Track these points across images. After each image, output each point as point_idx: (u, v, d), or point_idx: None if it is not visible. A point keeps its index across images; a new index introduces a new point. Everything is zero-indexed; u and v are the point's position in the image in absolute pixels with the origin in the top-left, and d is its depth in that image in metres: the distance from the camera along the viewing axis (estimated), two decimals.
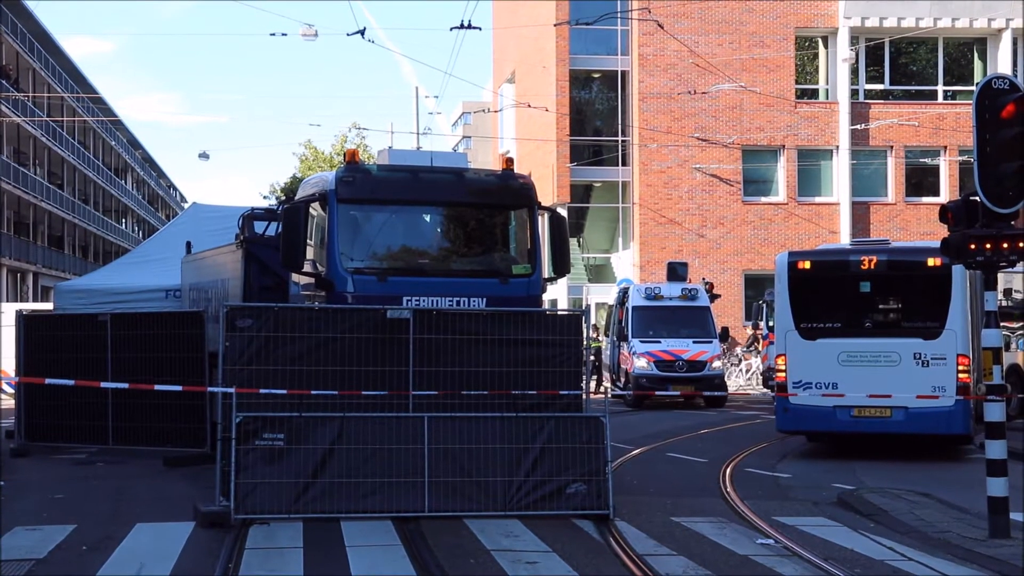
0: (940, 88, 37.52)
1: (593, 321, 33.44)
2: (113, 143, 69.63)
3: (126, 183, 76.73)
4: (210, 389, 12.94)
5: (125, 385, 13.63)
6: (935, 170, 37.16)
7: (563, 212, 19.92)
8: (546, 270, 12.93)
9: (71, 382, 14.15)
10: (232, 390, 10.45)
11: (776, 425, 16.65)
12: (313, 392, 10.72)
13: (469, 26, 27.66)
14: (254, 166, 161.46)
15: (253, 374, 10.63)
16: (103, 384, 14.35)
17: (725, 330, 28.08)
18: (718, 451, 16.26)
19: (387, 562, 8.77)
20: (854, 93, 36.84)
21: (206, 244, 17.30)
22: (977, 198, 9.89)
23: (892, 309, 16.27)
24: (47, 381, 14.90)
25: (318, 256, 12.41)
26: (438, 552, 9.06)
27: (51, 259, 57.34)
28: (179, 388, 13.31)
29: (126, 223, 78.99)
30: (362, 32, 26.28)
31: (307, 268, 12.33)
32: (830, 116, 36.62)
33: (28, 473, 13.94)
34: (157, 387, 13.25)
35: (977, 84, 10.11)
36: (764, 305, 28.57)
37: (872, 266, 15.82)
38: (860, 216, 36.49)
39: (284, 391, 10.63)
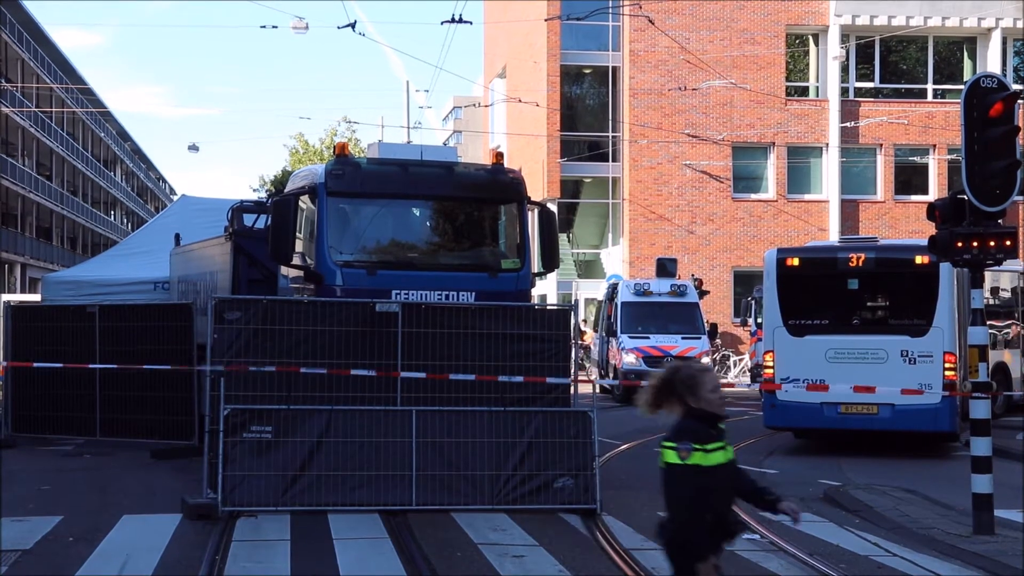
0: (930, 87, 37.58)
1: (583, 316, 33.46)
2: (102, 135, 69.37)
3: (115, 175, 76.46)
4: (198, 368, 12.97)
5: (114, 366, 13.68)
6: (924, 168, 37.25)
7: (553, 207, 19.96)
8: (535, 265, 12.93)
9: (59, 365, 14.18)
10: (220, 367, 10.44)
11: (763, 421, 16.70)
12: (303, 370, 10.70)
13: (460, 20, 27.68)
14: (244, 159, 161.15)
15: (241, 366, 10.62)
16: (91, 365, 14.39)
17: (714, 326, 28.14)
18: None
19: (374, 555, 8.79)
20: (844, 91, 36.89)
21: (195, 236, 17.27)
22: (965, 196, 9.94)
23: (880, 306, 16.33)
24: (35, 364, 14.90)
25: (307, 249, 12.39)
26: (425, 545, 9.08)
27: (39, 250, 57.11)
28: (168, 367, 13.38)
29: (115, 215, 78.72)
30: (353, 25, 26.28)
31: (296, 261, 12.32)
32: (820, 114, 36.67)
33: (15, 464, 13.90)
34: (146, 367, 13.34)
35: (966, 83, 10.15)
36: (753, 302, 28.64)
37: (860, 263, 15.87)
38: (849, 214, 36.56)
39: (272, 368, 10.60)
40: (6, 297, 27.58)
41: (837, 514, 10.99)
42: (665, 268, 27.60)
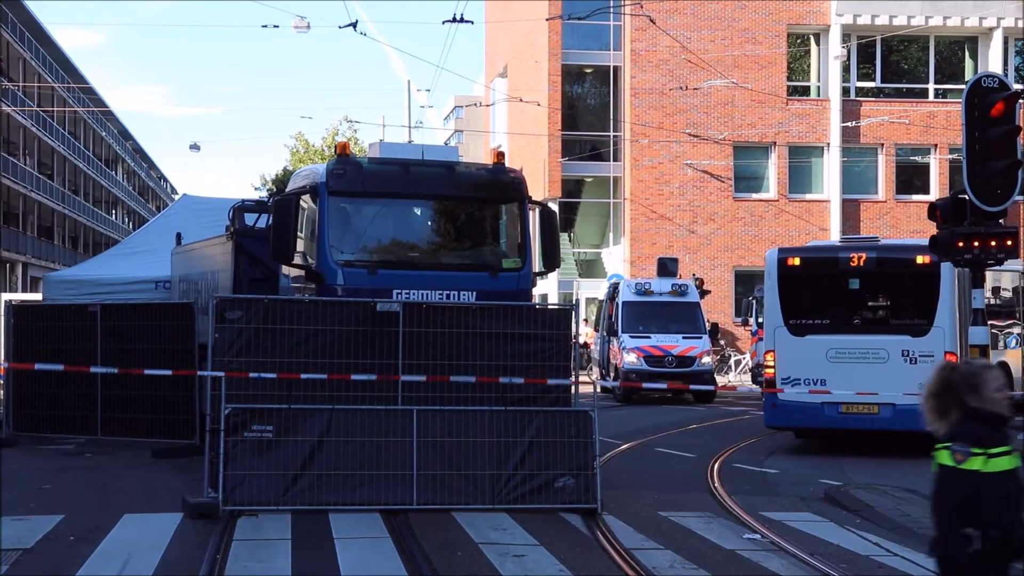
0: (931, 86, 37.59)
1: (584, 316, 33.46)
2: (104, 134, 69.38)
3: (116, 174, 76.46)
4: (200, 374, 12.96)
5: (115, 370, 13.65)
6: (925, 168, 37.25)
7: (554, 207, 19.95)
8: (536, 264, 12.93)
9: (60, 367, 14.16)
10: (221, 374, 10.43)
11: (764, 421, 16.70)
12: (303, 375, 10.69)
13: (461, 20, 27.73)
14: (245, 158, 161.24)
15: (242, 366, 10.63)
16: (93, 368, 14.36)
17: (715, 326, 28.13)
18: (706, 446, 16.30)
19: (375, 555, 8.78)
20: (845, 91, 36.89)
21: (196, 236, 17.28)
22: (966, 196, 9.95)
23: (881, 306, 16.32)
24: (36, 366, 14.88)
25: (308, 249, 12.40)
26: (426, 545, 9.08)
27: (41, 250, 57.12)
28: (168, 372, 13.37)
29: (116, 214, 78.74)
30: (354, 25, 26.28)
31: (297, 260, 12.32)
32: (821, 113, 36.68)
33: (16, 463, 13.90)
34: (147, 371, 13.33)
35: (967, 83, 10.16)
36: (753, 301, 28.64)
37: (861, 263, 15.86)
38: (850, 213, 36.57)
39: (273, 375, 10.60)
40: (7, 296, 27.56)
41: (838, 514, 10.98)
42: (666, 267, 27.60)
